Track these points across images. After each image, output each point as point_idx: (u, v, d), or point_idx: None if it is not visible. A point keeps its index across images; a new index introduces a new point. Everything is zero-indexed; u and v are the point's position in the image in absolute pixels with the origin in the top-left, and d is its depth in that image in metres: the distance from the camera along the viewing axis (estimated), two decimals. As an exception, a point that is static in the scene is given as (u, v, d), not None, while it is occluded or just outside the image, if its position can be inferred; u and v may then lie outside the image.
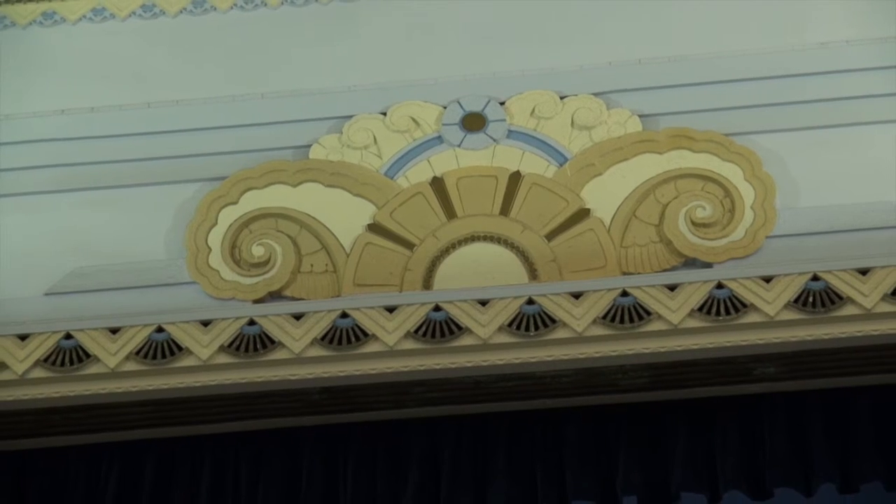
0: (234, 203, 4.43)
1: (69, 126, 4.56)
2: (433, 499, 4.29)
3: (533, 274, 4.30)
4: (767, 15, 4.55)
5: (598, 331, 4.14)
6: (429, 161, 4.46)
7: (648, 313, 4.14)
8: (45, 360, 4.22)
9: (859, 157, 4.35)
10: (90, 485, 4.39)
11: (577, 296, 4.18)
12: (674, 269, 4.28)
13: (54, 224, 4.47)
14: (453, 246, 4.36)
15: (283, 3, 4.70)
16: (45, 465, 4.41)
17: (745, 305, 4.12)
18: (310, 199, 4.42)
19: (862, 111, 4.38)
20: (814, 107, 4.41)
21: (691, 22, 4.57)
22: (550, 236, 4.34)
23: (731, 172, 4.34)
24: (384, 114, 4.52)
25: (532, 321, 4.16)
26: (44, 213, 4.49)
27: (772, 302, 4.11)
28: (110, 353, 4.21)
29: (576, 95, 4.49)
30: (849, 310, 4.09)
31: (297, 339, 4.19)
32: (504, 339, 4.16)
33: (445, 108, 4.52)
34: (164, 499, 4.38)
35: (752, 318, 4.11)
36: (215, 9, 4.71)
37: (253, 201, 4.44)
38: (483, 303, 4.19)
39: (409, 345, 4.17)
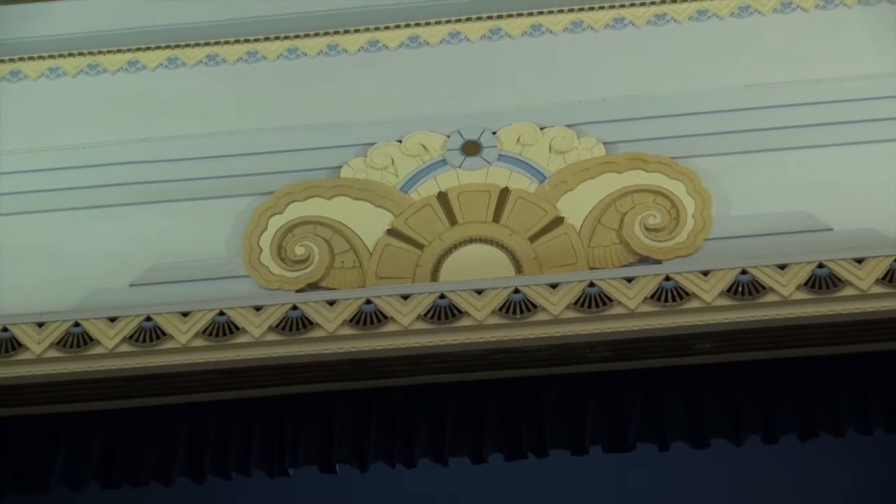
0: (281, 213, 4.44)
1: (149, 151, 4.56)
2: (439, 450, 4.28)
3: (518, 269, 4.32)
4: (705, 62, 4.55)
5: (571, 314, 4.16)
6: (435, 179, 4.47)
7: (610, 300, 4.16)
8: (130, 337, 4.24)
9: (779, 175, 4.36)
10: (166, 439, 4.37)
11: (553, 286, 4.19)
12: (630, 265, 4.29)
13: (138, 229, 4.47)
14: (455, 247, 4.37)
15: (319, 54, 4.69)
16: (129, 422, 4.38)
17: (687, 294, 4.14)
18: (341, 210, 4.44)
19: (781, 139, 4.39)
20: (742, 136, 4.42)
21: (644, 68, 4.57)
22: (533, 239, 4.35)
23: (677, 188, 4.36)
24: (400, 141, 4.52)
25: (518, 306, 4.17)
26: (130, 221, 4.49)
27: (709, 291, 4.14)
28: (182, 332, 4.23)
29: (553, 127, 4.49)
30: (770, 297, 4.12)
31: (330, 321, 4.20)
32: (495, 321, 4.17)
33: (449, 136, 4.52)
34: (224, 450, 4.35)
35: (693, 304, 4.14)
36: (265, 58, 4.70)
37: (295, 211, 4.44)
38: (479, 292, 4.20)
39: (420, 325, 4.19)
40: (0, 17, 4.80)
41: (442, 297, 4.21)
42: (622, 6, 4.64)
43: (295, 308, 4.24)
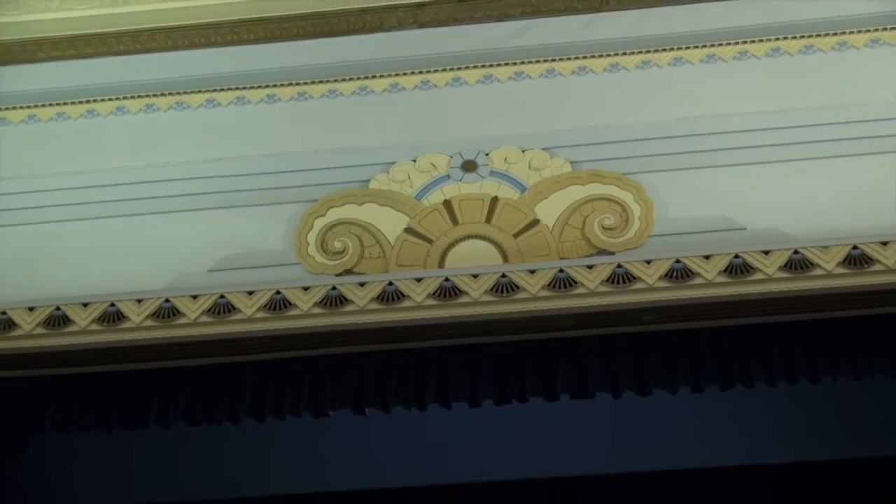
0: (323, 216, 4.45)
1: (224, 168, 4.55)
2: (444, 396, 4.29)
3: (505, 258, 4.34)
4: (648, 100, 4.53)
5: (545, 293, 4.19)
6: (441, 190, 4.48)
7: (575, 282, 4.19)
8: (208, 311, 4.27)
9: (705, 187, 4.36)
10: (235, 388, 4.36)
11: (532, 272, 4.22)
12: (591, 255, 4.31)
13: (214, 228, 4.47)
14: (457, 241, 4.39)
15: (352, 94, 4.67)
16: (207, 376, 4.39)
17: (634, 278, 4.18)
18: (369, 213, 4.45)
19: (706, 160, 4.39)
20: (676, 157, 4.41)
21: (601, 105, 4.56)
22: (516, 235, 4.37)
23: (626, 197, 4.38)
24: (414, 161, 4.52)
25: (504, 287, 4.21)
26: (208, 222, 4.48)
27: (651, 276, 4.18)
28: (247, 307, 4.25)
29: (531, 149, 4.49)
30: (697, 281, 4.15)
31: (361, 298, 4.24)
32: (487, 298, 4.21)
33: (452, 157, 4.52)
34: (279, 397, 4.34)
35: (638, 285, 4.17)
36: (311, 97, 4.66)
37: (335, 214, 4.45)
38: (475, 276, 4.24)
39: (430, 302, 4.22)
40: (106, 65, 4.76)
41: (446, 280, 4.24)
42: (584, 57, 4.62)
43: (334, 288, 4.27)
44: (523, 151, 4.51)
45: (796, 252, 4.16)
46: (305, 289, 4.28)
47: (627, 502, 5.58)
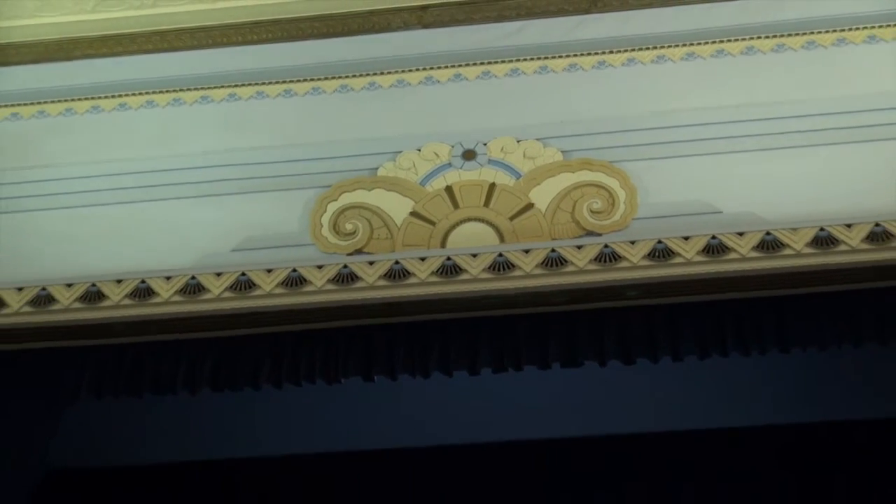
0: (335, 200, 4.50)
1: (245, 157, 4.62)
2: (445, 364, 4.33)
3: (501, 239, 4.39)
4: (632, 95, 4.58)
5: (538, 272, 4.25)
6: (444, 176, 4.53)
7: (566, 261, 4.25)
8: (230, 287, 4.33)
9: (684, 174, 4.40)
10: (255, 357, 4.39)
11: (526, 251, 4.28)
12: (580, 237, 4.35)
13: (237, 211, 4.53)
14: (457, 224, 4.45)
15: (362, 89, 4.73)
16: (230, 346, 4.42)
17: (620, 257, 4.24)
18: (378, 198, 4.50)
19: (685, 149, 4.43)
20: (658, 146, 4.46)
21: (589, 99, 4.60)
22: (512, 218, 4.42)
23: (613, 183, 4.42)
24: (419, 150, 4.57)
25: (501, 266, 4.27)
26: (231, 205, 4.55)
27: (635, 255, 4.24)
28: (266, 283, 4.33)
29: (526, 140, 4.54)
30: (677, 260, 4.21)
31: (370, 276, 4.31)
32: (485, 276, 4.27)
33: (453, 146, 4.56)
34: (296, 365, 4.37)
35: (623, 264, 4.24)
36: (325, 91, 4.72)
37: (346, 199, 4.51)
38: (474, 255, 4.30)
39: (433, 279, 4.28)
40: (137, 62, 4.82)
41: (448, 259, 4.30)
42: (575, 55, 4.67)
43: (345, 267, 4.34)
44: (518, 141, 4.56)
45: (768, 233, 4.22)
46: (319, 267, 4.36)
47: (612, 461, 5.81)
